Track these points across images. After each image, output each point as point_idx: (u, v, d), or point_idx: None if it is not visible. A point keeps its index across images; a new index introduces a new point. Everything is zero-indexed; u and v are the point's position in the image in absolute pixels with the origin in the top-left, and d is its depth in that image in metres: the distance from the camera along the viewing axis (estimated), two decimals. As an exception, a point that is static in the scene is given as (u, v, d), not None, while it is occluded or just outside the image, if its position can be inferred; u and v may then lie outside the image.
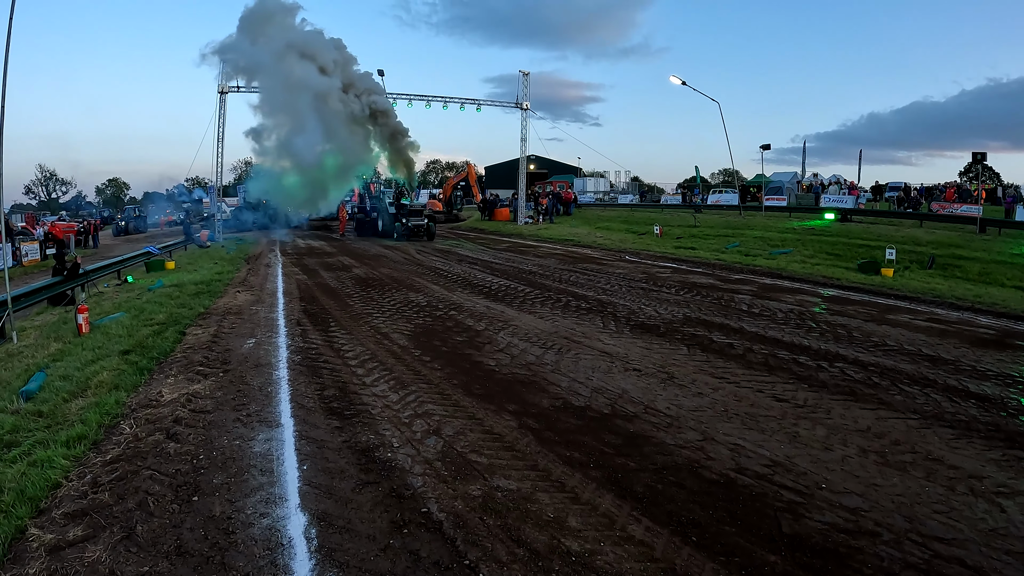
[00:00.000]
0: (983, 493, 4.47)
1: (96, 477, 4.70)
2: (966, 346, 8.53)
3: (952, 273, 15.16)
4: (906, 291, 13.00)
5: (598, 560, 3.63)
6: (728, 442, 5.34)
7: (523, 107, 35.46)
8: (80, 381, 6.97)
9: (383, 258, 20.61)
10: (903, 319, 10.31)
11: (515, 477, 4.71)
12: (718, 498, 4.39)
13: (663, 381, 7.05)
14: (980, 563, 3.63)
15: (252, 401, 6.39)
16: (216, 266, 18.06)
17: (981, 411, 6.08)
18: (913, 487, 4.56)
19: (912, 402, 6.33)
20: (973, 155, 28.72)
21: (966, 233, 22.65)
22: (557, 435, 5.52)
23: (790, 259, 17.99)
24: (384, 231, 30.27)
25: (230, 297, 12.68)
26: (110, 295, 14.02)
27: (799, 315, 10.56)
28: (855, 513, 4.18)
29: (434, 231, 28.70)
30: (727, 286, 13.86)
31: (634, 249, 22.30)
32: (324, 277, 15.88)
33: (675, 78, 33.28)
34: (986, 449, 5.21)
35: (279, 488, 4.52)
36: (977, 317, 10.65)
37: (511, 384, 6.99)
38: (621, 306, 11.49)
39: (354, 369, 7.54)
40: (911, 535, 3.93)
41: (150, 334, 9.12)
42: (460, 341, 8.94)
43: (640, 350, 8.35)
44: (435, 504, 4.29)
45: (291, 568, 3.56)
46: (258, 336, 9.19)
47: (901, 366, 7.54)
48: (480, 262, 18.95)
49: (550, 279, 15.12)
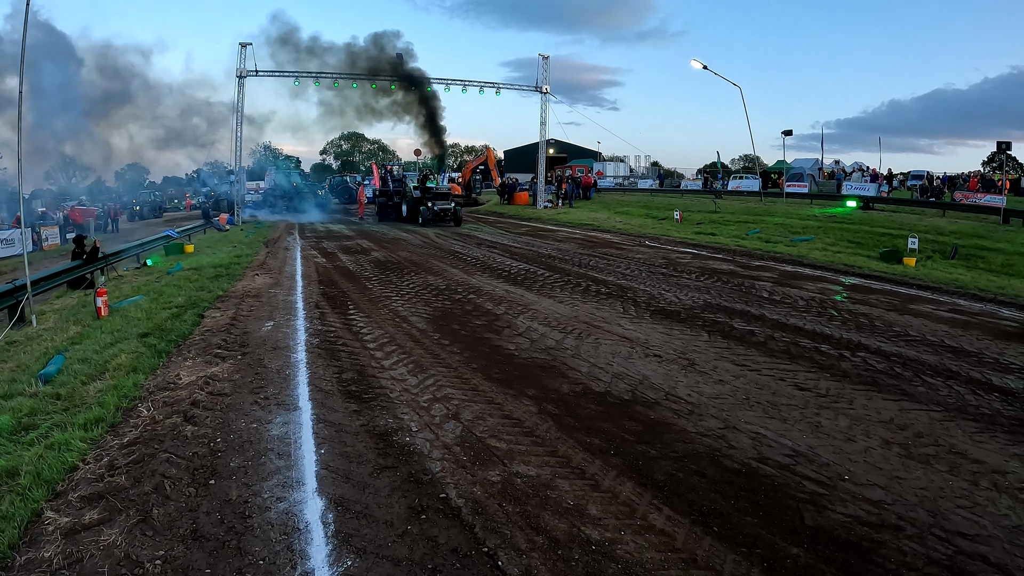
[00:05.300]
0: (1007, 489, 4.37)
1: (113, 460, 4.70)
2: (989, 338, 8.37)
3: (975, 264, 14.90)
4: (928, 281, 12.81)
5: (618, 549, 3.58)
6: (750, 431, 5.27)
7: (543, 91, 35.22)
8: (98, 364, 7.00)
9: (402, 241, 20.60)
10: (925, 309, 10.13)
11: (534, 463, 4.67)
12: (740, 488, 4.33)
13: (684, 368, 6.98)
14: (1004, 560, 3.55)
15: (270, 384, 6.39)
16: (235, 249, 18.12)
17: (1005, 405, 5.95)
18: (936, 481, 4.47)
19: (935, 394, 6.21)
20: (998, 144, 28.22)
21: (989, 223, 22.17)
22: (577, 421, 5.47)
23: (811, 246, 17.78)
24: (408, 216, 29.10)
25: (248, 280, 12.71)
26: (129, 278, 14.11)
27: (820, 303, 10.41)
28: (878, 506, 4.10)
29: (461, 216, 27.60)
30: (748, 273, 13.72)
31: (654, 234, 22.15)
32: (343, 260, 15.89)
33: (696, 62, 32.93)
34: (1010, 444, 5.10)
35: (296, 472, 4.51)
36: (1000, 309, 10.44)
37: (531, 369, 6.95)
38: (641, 291, 11.41)
39: (372, 352, 7.53)
40: (934, 530, 3.84)
41: (168, 317, 9.15)
42: (479, 325, 8.91)
43: (660, 336, 8.28)
44: (453, 490, 4.26)
45: (308, 553, 3.54)
46: (276, 319, 9.20)
47: (924, 357, 7.41)
48: (499, 246, 18.89)
49: (569, 263, 15.05)
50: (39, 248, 22.69)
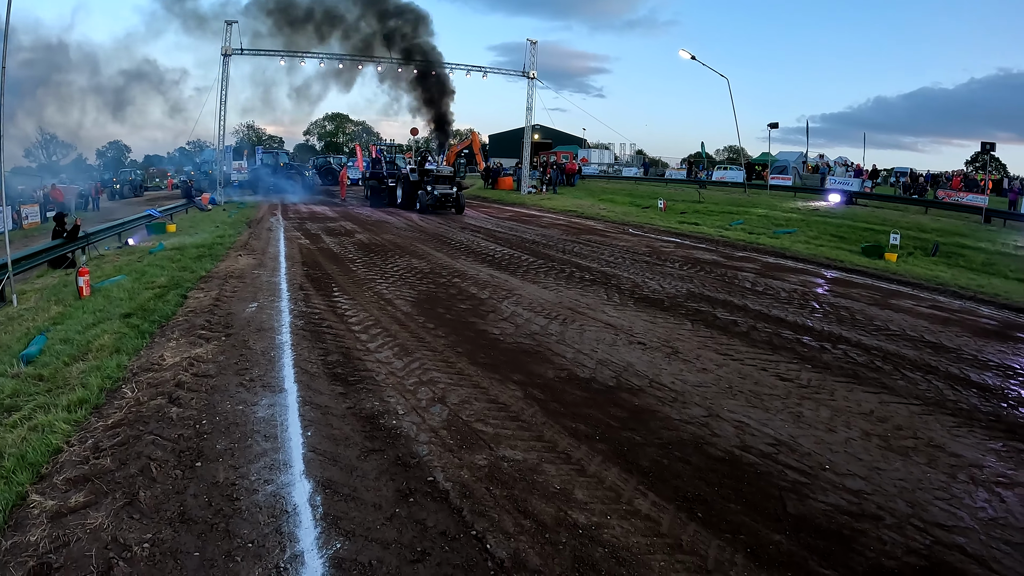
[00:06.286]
0: (983, 482, 4.48)
1: (98, 442, 4.66)
2: (968, 335, 8.51)
3: (956, 262, 15.08)
4: (909, 277, 12.96)
5: (605, 534, 3.63)
6: (733, 419, 5.34)
7: (530, 76, 35.02)
8: (81, 344, 6.92)
9: (386, 224, 20.53)
10: (906, 304, 10.29)
11: (521, 448, 4.71)
12: (723, 475, 4.40)
13: (668, 356, 7.04)
14: (980, 552, 3.64)
15: (255, 366, 6.36)
16: (218, 230, 17.92)
17: (982, 401, 6.08)
18: (915, 473, 4.56)
19: (915, 388, 6.32)
20: (982, 144, 28.59)
21: (971, 223, 22.53)
22: (563, 406, 5.52)
23: (794, 239, 17.91)
24: (403, 201, 26.63)
25: (232, 261, 12.59)
26: (111, 258, 13.94)
27: (802, 295, 10.53)
28: (859, 496, 4.19)
29: (463, 202, 25.14)
30: (731, 263, 13.83)
31: (637, 222, 22.21)
32: (326, 242, 15.80)
33: (685, 52, 32.85)
34: (987, 439, 5.21)
35: (283, 454, 4.50)
36: (979, 307, 10.61)
37: (516, 354, 6.98)
38: (625, 279, 11.47)
39: (358, 335, 7.52)
40: (913, 520, 3.93)
41: (151, 297, 9.06)
42: (464, 309, 8.92)
43: (644, 324, 8.34)
44: (441, 473, 4.28)
45: (297, 536, 3.54)
46: (260, 300, 9.14)
47: (904, 351, 7.53)
48: (483, 230, 18.87)
49: (554, 249, 15.09)
50: (19, 227, 22.28)
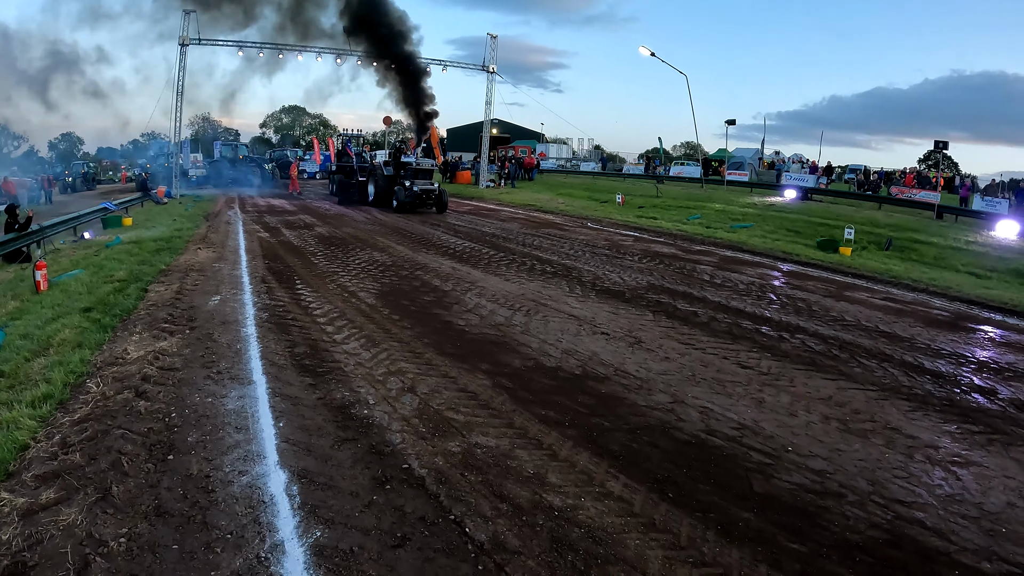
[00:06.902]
0: (940, 462, 4.69)
1: (65, 437, 4.56)
2: (921, 325, 8.84)
3: (908, 256, 15.57)
4: (863, 270, 13.36)
5: (580, 515, 3.73)
6: (697, 405, 5.50)
7: (489, 70, 34.99)
8: (41, 339, 6.75)
9: (345, 217, 20.36)
10: (860, 296, 10.64)
11: (493, 434, 4.78)
12: (691, 458, 4.53)
13: (631, 345, 7.18)
14: (939, 525, 3.83)
15: (221, 358, 6.29)
16: (175, 223, 17.52)
17: (936, 387, 6.33)
18: (874, 453, 4.76)
19: (871, 375, 6.57)
20: (935, 143, 29.65)
21: (923, 218, 23.38)
22: (531, 394, 5.60)
23: (751, 233, 18.30)
24: (377, 198, 23.97)
25: (191, 254, 12.35)
26: (67, 252, 13.55)
27: (760, 287, 10.82)
28: (821, 475, 4.37)
29: (446, 199, 22.73)
30: (689, 256, 14.10)
31: (596, 216, 22.41)
32: (287, 235, 15.61)
33: (644, 49, 33.29)
34: (941, 422, 5.45)
35: (256, 445, 4.48)
36: (932, 299, 11.00)
37: (482, 344, 7.05)
38: (586, 271, 11.62)
39: (323, 327, 7.49)
40: (874, 497, 4.12)
41: (111, 291, 8.85)
42: (428, 301, 8.95)
43: (607, 314, 8.49)
44: (416, 460, 4.32)
45: (275, 526, 3.54)
46: (223, 293, 9.01)
47: (859, 341, 7.80)
48: (443, 224, 18.83)
49: (514, 243, 15.17)
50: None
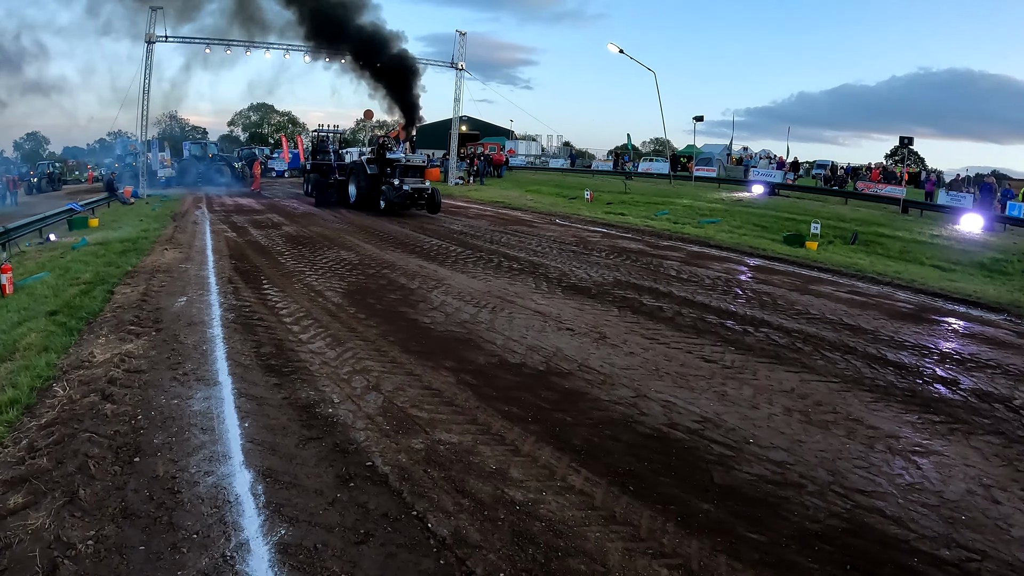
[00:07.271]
0: (900, 452, 4.83)
1: (32, 442, 4.52)
2: (885, 318, 9.05)
3: (874, 250, 15.87)
4: (829, 264, 13.59)
5: (541, 509, 3.80)
6: (660, 399, 5.60)
7: (458, 67, 34.88)
8: (7, 344, 6.64)
9: (313, 216, 20.20)
10: (825, 290, 10.85)
11: (456, 431, 4.83)
12: (653, 451, 4.63)
13: (596, 341, 7.27)
14: (898, 514, 3.96)
15: (187, 360, 6.25)
16: (142, 223, 17.26)
17: (898, 378, 6.50)
18: (835, 444, 4.89)
19: (833, 367, 6.72)
20: (900, 139, 30.28)
21: (889, 213, 23.84)
22: (495, 391, 5.67)
23: (718, 228, 18.52)
24: (360, 200, 21.73)
25: (158, 255, 12.20)
26: (32, 254, 13.29)
27: (726, 282, 10.99)
28: (781, 466, 4.48)
29: (439, 199, 20.78)
30: (656, 252, 14.25)
31: (564, 213, 22.49)
32: (254, 235, 15.45)
33: (613, 46, 33.50)
34: (903, 412, 5.60)
35: (222, 446, 4.49)
36: (896, 292, 11.25)
37: (447, 341, 7.09)
38: (553, 268, 11.71)
39: (289, 327, 7.48)
40: (834, 487, 4.24)
41: (77, 294, 8.72)
42: (395, 299, 8.97)
43: (572, 311, 8.58)
44: (379, 458, 4.36)
45: (240, 525, 3.56)
46: (189, 294, 8.93)
47: (823, 333, 7.97)
48: (411, 222, 18.77)
49: (481, 240, 15.20)
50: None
